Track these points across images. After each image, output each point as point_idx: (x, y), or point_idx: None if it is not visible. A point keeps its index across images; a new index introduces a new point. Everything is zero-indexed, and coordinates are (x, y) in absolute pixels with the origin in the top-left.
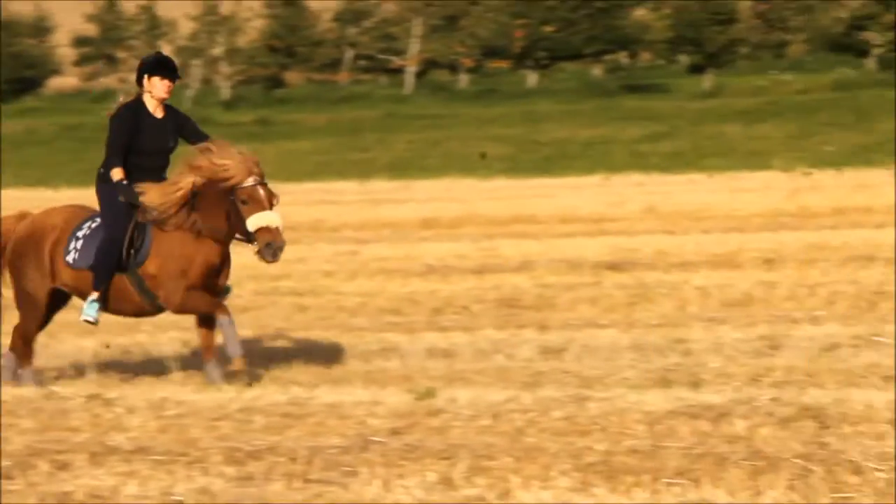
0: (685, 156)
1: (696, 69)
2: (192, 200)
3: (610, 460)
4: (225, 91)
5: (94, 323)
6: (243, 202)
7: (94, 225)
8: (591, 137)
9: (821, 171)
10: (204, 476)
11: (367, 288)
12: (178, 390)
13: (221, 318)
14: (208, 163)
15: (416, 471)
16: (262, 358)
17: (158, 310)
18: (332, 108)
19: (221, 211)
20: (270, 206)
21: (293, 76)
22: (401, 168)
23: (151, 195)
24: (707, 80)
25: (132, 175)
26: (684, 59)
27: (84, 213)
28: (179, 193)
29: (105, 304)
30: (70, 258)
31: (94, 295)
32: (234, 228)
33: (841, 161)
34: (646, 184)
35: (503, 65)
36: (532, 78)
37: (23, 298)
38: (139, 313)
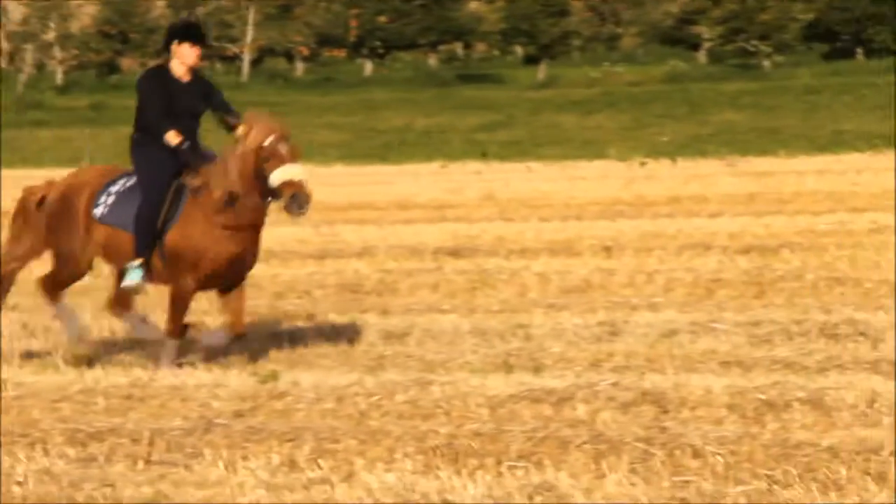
0: (522, 144)
1: (531, 60)
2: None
3: (453, 443)
4: (58, 76)
5: (137, 290)
6: (265, 160)
7: (129, 183)
8: (428, 126)
9: (656, 161)
10: (45, 457)
11: None
12: (18, 372)
13: (167, 339)
14: (244, 131)
15: (261, 452)
16: (104, 341)
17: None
18: None
19: (253, 181)
20: (293, 162)
21: (127, 62)
22: None
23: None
24: (542, 71)
25: (161, 146)
26: (519, 51)
27: (120, 171)
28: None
29: (151, 275)
30: (98, 212)
31: (136, 261)
32: (262, 193)
33: (675, 151)
34: (483, 172)
35: (339, 54)
36: (368, 67)
37: (59, 262)
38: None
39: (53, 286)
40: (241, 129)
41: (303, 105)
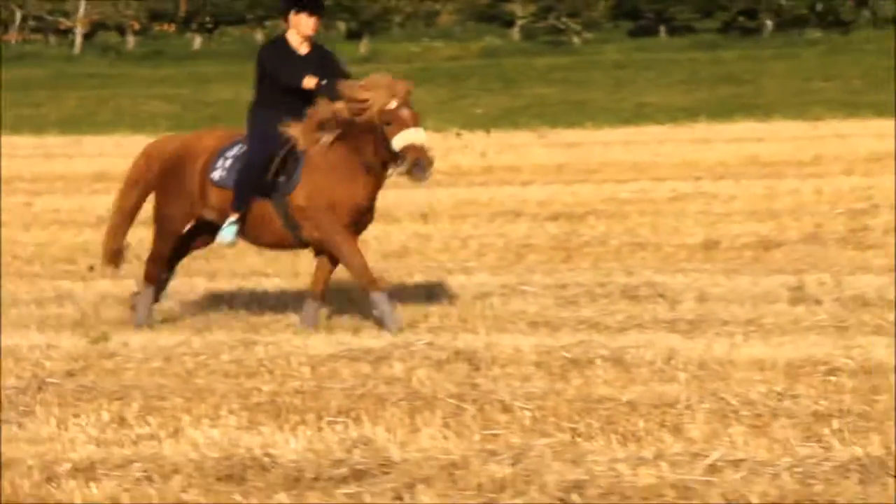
0: None
1: (353, 35)
2: (346, 132)
3: (276, 400)
4: None
5: (231, 245)
6: (387, 124)
7: (245, 148)
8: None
9: (471, 133)
10: None
11: (42, 238)
12: None
13: (374, 295)
14: (350, 94)
15: (91, 410)
16: None
17: (299, 243)
18: (2, 66)
19: (371, 141)
20: (416, 125)
21: None
22: (72, 124)
23: (295, 129)
24: (363, 46)
25: (278, 109)
26: (342, 26)
27: (237, 136)
28: (316, 121)
29: (244, 231)
30: (216, 175)
31: (233, 217)
32: (383, 155)
33: (489, 123)
34: None
35: (169, 28)
36: (197, 41)
37: (161, 223)
38: (277, 244)
39: (153, 260)
40: (361, 93)
41: (134, 77)
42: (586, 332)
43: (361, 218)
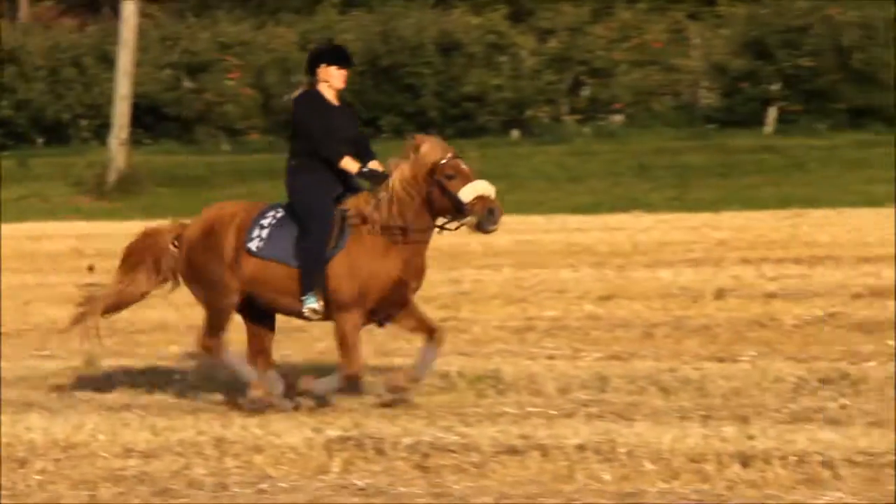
0: None
1: None
2: (392, 202)
3: None
4: None
5: (318, 313)
6: (449, 177)
7: (279, 215)
8: None
9: None
10: None
11: None
12: None
13: (339, 377)
14: (412, 151)
15: None
16: None
17: (311, 314)
18: None
19: (422, 201)
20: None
21: None
22: None
23: (358, 200)
24: None
25: (321, 173)
26: None
27: (261, 205)
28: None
29: (259, 294)
30: (253, 245)
31: (308, 297)
32: (441, 212)
33: None
34: None
35: None
36: None
37: (209, 293)
38: (287, 311)
39: (211, 333)
40: (412, 149)
41: None
42: None
43: (404, 288)
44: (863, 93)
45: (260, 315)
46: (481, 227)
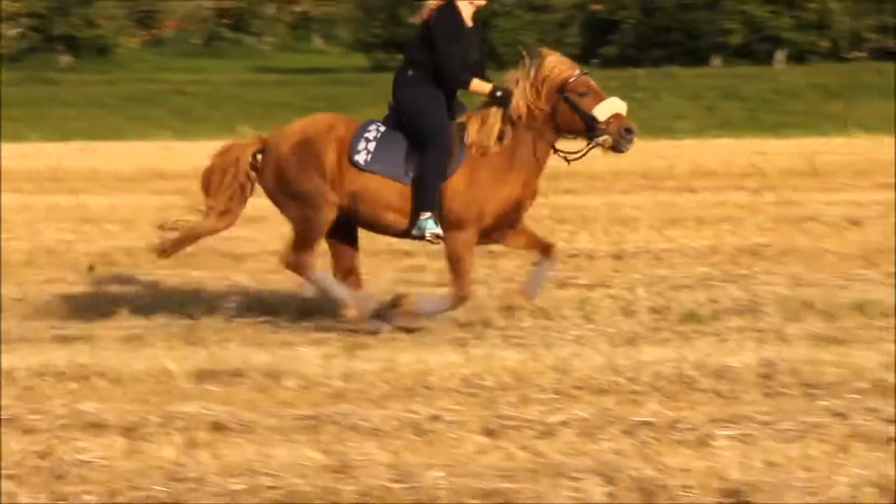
0: None
1: None
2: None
3: None
4: None
5: (441, 239)
6: (581, 94)
7: (382, 129)
8: None
9: None
10: None
11: None
12: None
13: (447, 298)
14: (534, 67)
15: None
16: None
17: (418, 234)
18: None
19: (546, 119)
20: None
21: None
22: None
23: (472, 125)
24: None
25: (430, 76)
26: None
27: (359, 121)
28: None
29: (357, 213)
30: (360, 159)
31: (426, 214)
32: (568, 130)
33: None
34: None
35: None
36: None
37: (303, 209)
38: (391, 230)
39: (299, 249)
40: (534, 65)
41: None
42: None
43: (517, 212)
44: None
45: (345, 233)
46: (617, 146)
